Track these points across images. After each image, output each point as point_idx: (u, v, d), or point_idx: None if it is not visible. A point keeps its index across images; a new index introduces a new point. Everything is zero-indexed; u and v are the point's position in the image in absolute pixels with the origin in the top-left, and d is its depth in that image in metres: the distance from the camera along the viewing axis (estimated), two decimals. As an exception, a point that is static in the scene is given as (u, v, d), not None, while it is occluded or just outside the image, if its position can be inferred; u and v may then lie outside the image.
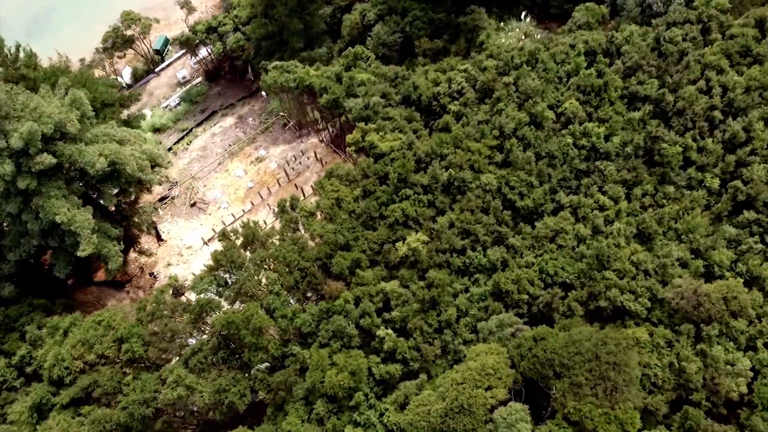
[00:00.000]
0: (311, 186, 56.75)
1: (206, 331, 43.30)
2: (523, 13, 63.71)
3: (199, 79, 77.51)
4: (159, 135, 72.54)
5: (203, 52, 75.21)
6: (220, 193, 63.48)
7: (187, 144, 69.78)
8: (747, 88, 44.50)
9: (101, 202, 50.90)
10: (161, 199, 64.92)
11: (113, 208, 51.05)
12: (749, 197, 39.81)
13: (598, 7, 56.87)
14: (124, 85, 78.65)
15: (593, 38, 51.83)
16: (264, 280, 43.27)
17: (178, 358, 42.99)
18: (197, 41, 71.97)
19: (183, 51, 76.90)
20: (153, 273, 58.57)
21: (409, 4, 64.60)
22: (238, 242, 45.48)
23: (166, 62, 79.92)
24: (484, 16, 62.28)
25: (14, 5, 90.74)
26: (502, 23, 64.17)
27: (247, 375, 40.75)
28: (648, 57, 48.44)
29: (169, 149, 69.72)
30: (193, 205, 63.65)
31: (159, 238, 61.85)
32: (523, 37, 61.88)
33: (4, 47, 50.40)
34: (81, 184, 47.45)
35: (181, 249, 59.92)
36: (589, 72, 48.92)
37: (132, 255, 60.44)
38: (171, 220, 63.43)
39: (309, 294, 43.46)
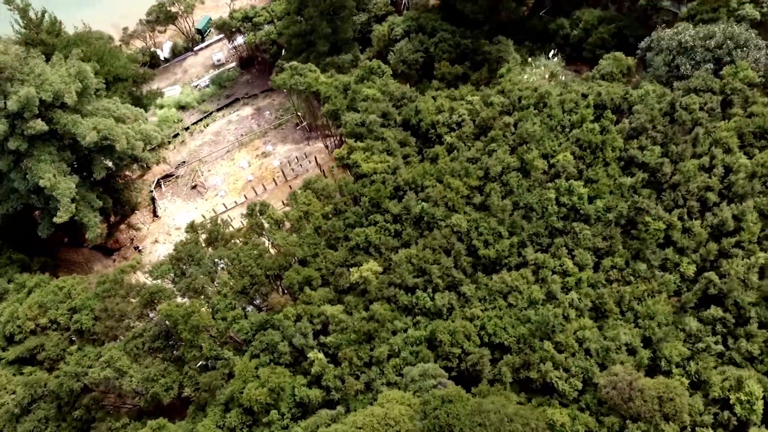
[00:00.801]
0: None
1: (152, 318, 44.04)
2: (552, 52, 61.47)
3: (233, 64, 78.84)
4: (182, 112, 74.38)
5: (240, 39, 76.39)
6: (220, 181, 64.46)
7: (204, 126, 71.15)
8: (752, 173, 41.41)
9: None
10: (166, 177, 66.53)
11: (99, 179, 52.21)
12: (720, 293, 37.00)
13: (626, 58, 54.30)
14: (162, 59, 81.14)
15: (608, 91, 49.49)
16: (217, 280, 43.61)
17: (123, 338, 43.97)
18: (233, 28, 73.14)
19: (221, 35, 78.29)
20: (138, 247, 60.15)
21: (440, 25, 63.51)
22: (203, 237, 46.01)
23: (206, 43, 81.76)
24: (510, 48, 60.58)
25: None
26: (530, 58, 62.25)
27: (179, 369, 41.23)
28: (657, 121, 45.81)
29: (186, 128, 71.42)
30: (193, 187, 64.91)
31: (155, 214, 63.47)
32: (547, 76, 59.80)
33: (29, 10, 52.64)
34: (72, 153, 48.94)
35: (171, 228, 61.22)
36: (592, 126, 46.71)
37: (125, 226, 62.27)
38: (170, 199, 64.94)
39: (257, 301, 43.48)
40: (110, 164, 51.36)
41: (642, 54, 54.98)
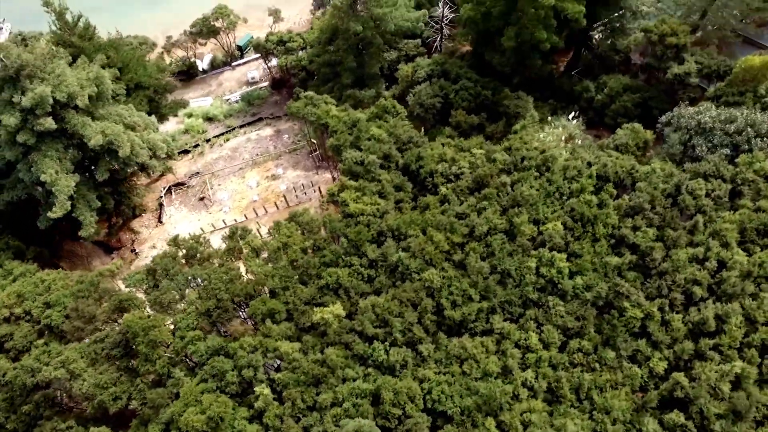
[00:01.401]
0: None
1: (119, 325, 44.55)
2: (573, 114, 60.01)
3: (266, 84, 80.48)
4: (208, 124, 76.22)
5: (274, 61, 78.04)
6: (227, 197, 65.41)
7: (224, 140, 72.60)
8: (747, 273, 38.85)
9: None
10: (178, 185, 68.02)
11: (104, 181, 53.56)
12: (687, 397, 34.57)
13: (644, 131, 52.46)
14: (201, 70, 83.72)
15: (615, 163, 47.84)
16: (186, 298, 43.85)
17: (88, 340, 44.62)
18: (268, 50, 74.82)
19: (258, 54, 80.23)
20: (135, 250, 61.43)
21: (465, 72, 63.12)
22: (182, 253, 46.51)
23: (244, 60, 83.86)
24: (529, 105, 59.49)
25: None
26: (551, 117, 60.95)
27: (131, 380, 41.44)
28: (658, 202, 43.81)
29: (207, 140, 73.08)
30: (201, 199, 66.06)
31: (159, 220, 64.84)
32: (564, 137, 58.32)
33: (66, 13, 55.28)
34: (79, 152, 50.63)
35: (170, 236, 62.14)
36: (589, 198, 45.10)
37: (131, 225, 63.83)
38: (178, 207, 66.27)
39: (219, 326, 43.43)
40: (116, 167, 52.67)
41: (661, 129, 52.99)
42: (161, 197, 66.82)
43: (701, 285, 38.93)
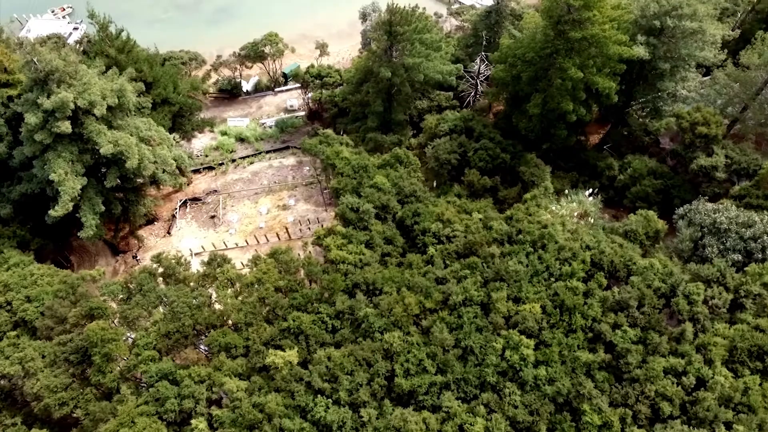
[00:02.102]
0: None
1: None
2: (590, 190, 57.48)
3: (302, 113, 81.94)
4: (239, 144, 78.09)
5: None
6: (236, 219, 66.29)
7: (248, 163, 73.98)
8: (726, 399, 35.40)
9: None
10: (194, 200, 69.60)
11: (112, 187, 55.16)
12: None
13: (658, 221, 49.55)
14: (244, 91, 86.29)
15: (614, 251, 45.30)
16: (152, 317, 44.21)
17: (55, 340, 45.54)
18: (306, 81, 76.30)
19: (299, 84, 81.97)
20: (137, 256, 62.92)
21: (488, 132, 62.07)
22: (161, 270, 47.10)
23: (286, 87, 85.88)
24: (545, 174, 57.62)
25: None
26: (568, 190, 58.68)
27: (81, 389, 41.85)
28: (648, 301, 40.86)
29: (233, 160, 74.71)
30: (212, 217, 67.24)
31: (168, 231, 66.34)
32: (576, 213, 55.86)
33: (108, 27, 58.28)
34: (92, 158, 52.63)
35: (174, 249, 63.47)
36: (576, 285, 42.67)
37: (140, 232, 65.61)
38: (189, 221, 67.68)
39: (174, 350, 43.37)
40: (131, 176, 54.28)
41: (676, 221, 49.84)
42: (176, 209, 68.49)
43: (672, 402, 35.74)
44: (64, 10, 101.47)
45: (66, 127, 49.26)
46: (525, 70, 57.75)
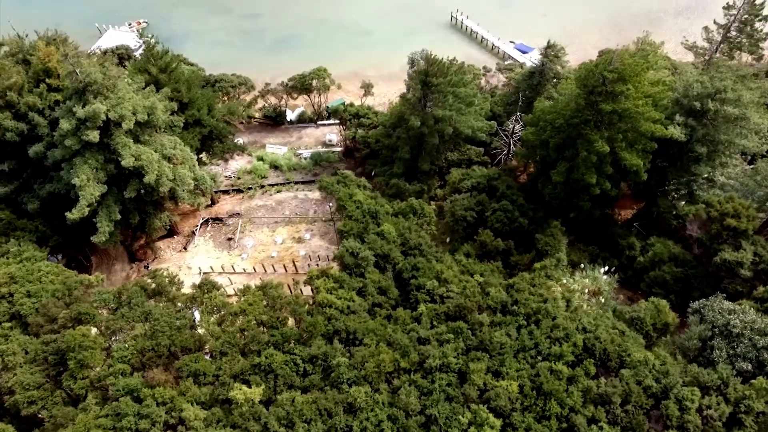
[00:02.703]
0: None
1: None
2: (604, 269, 54.62)
3: (339, 149, 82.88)
4: (272, 171, 79.62)
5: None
6: (251, 245, 67.02)
7: (276, 191, 75.09)
8: None
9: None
10: (216, 219, 71.04)
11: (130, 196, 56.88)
12: None
13: (670, 313, 46.52)
14: (288, 120, 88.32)
15: (611, 339, 42.63)
16: (133, 330, 44.78)
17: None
18: (344, 119, 77.31)
19: (339, 120, 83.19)
20: (148, 266, 64.42)
21: (511, 193, 60.69)
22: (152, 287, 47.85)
23: (328, 121, 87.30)
24: (561, 245, 55.55)
25: (279, 23, 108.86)
26: (584, 264, 56.09)
27: (53, 390, 42.58)
28: (635, 399, 37.93)
29: (262, 186, 76.07)
30: (229, 239, 68.31)
31: (185, 247, 67.81)
32: (587, 290, 53.11)
33: (155, 47, 61.20)
34: (115, 168, 54.74)
35: (185, 265, 64.75)
36: (560, 369, 40.20)
37: (157, 244, 67.38)
38: (206, 240, 69.02)
39: (148, 367, 43.57)
40: (150, 189, 56.07)
41: (690, 314, 46.43)
42: (197, 226, 70.05)
43: None
44: (140, 24, 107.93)
45: (94, 136, 51.53)
46: (553, 136, 56.31)
